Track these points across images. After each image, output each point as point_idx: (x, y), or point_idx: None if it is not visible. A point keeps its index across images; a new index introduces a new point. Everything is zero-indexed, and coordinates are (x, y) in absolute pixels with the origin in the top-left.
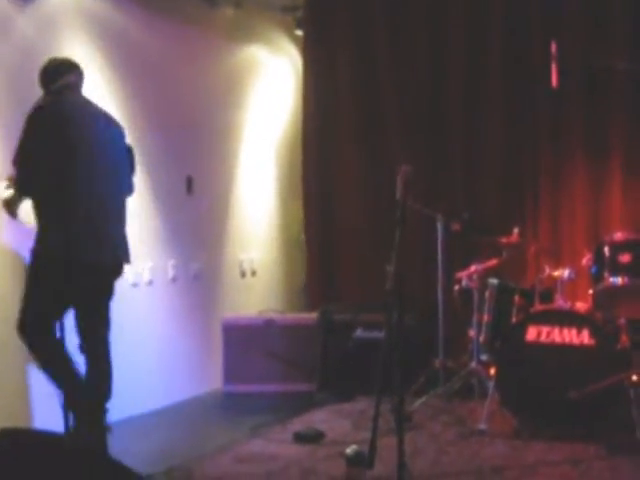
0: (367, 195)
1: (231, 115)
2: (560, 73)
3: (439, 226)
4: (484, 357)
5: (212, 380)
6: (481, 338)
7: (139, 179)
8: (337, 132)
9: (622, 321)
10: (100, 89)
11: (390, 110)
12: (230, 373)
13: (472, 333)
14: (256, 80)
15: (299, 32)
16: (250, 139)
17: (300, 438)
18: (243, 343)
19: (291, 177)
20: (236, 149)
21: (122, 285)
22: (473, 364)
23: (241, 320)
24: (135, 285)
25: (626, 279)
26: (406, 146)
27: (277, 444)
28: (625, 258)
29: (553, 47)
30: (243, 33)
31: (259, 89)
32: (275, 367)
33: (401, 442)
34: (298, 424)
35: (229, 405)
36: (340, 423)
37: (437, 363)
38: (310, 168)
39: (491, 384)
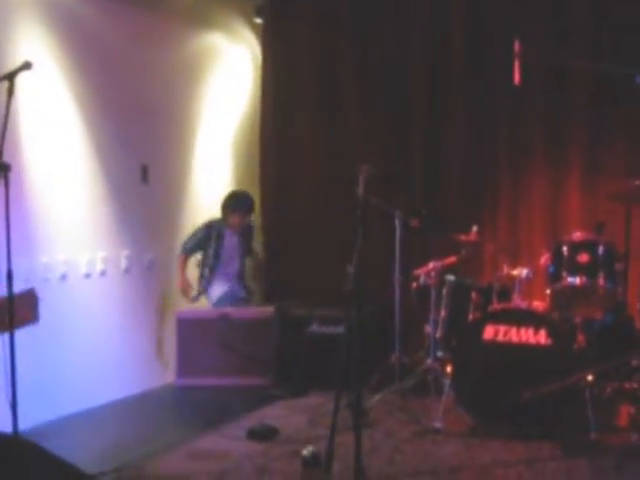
0: (325, 184)
1: (188, 103)
2: (522, 71)
3: (397, 222)
4: (440, 354)
5: (165, 374)
6: (438, 335)
7: (93, 167)
8: (296, 120)
9: (579, 321)
10: (53, 76)
11: (350, 100)
12: (183, 367)
13: (429, 330)
14: (214, 67)
15: (258, 20)
16: (207, 127)
17: (254, 435)
18: (197, 337)
19: (248, 165)
20: (193, 137)
21: (74, 276)
22: (429, 361)
23: (195, 313)
24: (87, 276)
25: (584, 279)
26: (365, 138)
27: (230, 440)
28: (583, 258)
29: (516, 45)
30: (201, 20)
31: (217, 76)
32: (229, 361)
33: (359, 442)
34: (252, 419)
35: (182, 400)
36: (295, 419)
37: (393, 359)
38: (268, 156)
39: (447, 382)
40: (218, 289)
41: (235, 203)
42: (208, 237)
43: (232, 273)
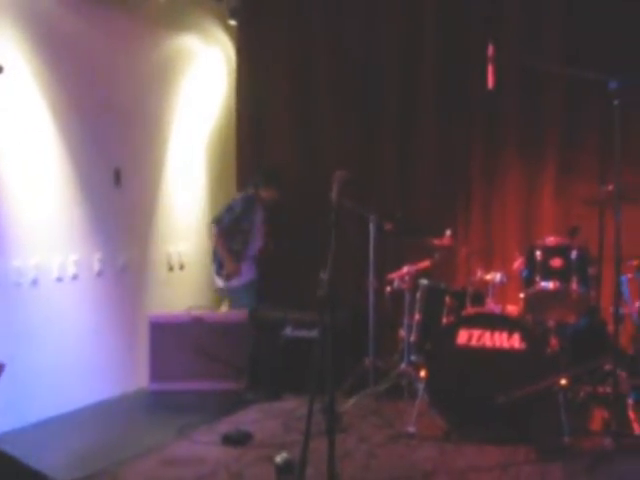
0: (301, 187)
1: (161, 105)
2: (496, 75)
3: (372, 226)
4: (414, 358)
5: (138, 378)
6: (412, 339)
7: (65, 170)
8: (272, 123)
9: (552, 325)
10: (26, 79)
11: (324, 103)
12: (156, 371)
13: (403, 334)
14: (188, 69)
15: (232, 22)
16: (181, 129)
17: (228, 440)
18: (170, 340)
19: (222, 168)
20: (166, 140)
21: (46, 280)
22: (403, 365)
23: (169, 317)
24: (59, 280)
25: (557, 283)
26: (339, 140)
27: (204, 446)
28: (556, 263)
29: (490, 49)
30: (175, 21)
31: (190, 78)
32: (203, 365)
33: (332, 447)
34: (226, 424)
35: (155, 404)
36: (269, 423)
37: (367, 363)
38: (245, 160)
39: (421, 386)
40: (246, 273)
41: (268, 175)
42: (245, 211)
43: (253, 255)
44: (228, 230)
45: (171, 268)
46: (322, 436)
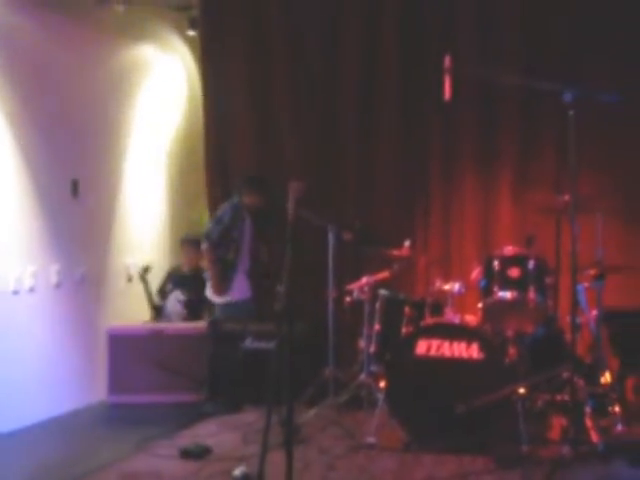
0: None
1: (120, 115)
2: (453, 86)
3: (330, 236)
4: (374, 368)
5: (97, 391)
6: (371, 349)
7: (22, 181)
8: (236, 133)
9: (511, 334)
10: None
11: (285, 113)
12: (115, 384)
13: (362, 344)
14: (146, 79)
15: (191, 32)
16: (139, 140)
17: (187, 454)
18: (129, 353)
19: (182, 179)
20: (124, 150)
21: (3, 292)
22: (363, 375)
23: (127, 329)
24: (16, 292)
25: (515, 293)
26: (301, 151)
27: (163, 460)
28: (514, 272)
29: (447, 60)
30: (133, 31)
31: (149, 88)
32: (162, 377)
33: (290, 459)
34: (185, 437)
35: (114, 417)
36: (228, 436)
37: (327, 373)
38: (213, 171)
39: (380, 396)
40: (239, 287)
41: (250, 181)
42: (234, 219)
43: (246, 270)
44: (219, 242)
45: (130, 279)
46: (281, 448)
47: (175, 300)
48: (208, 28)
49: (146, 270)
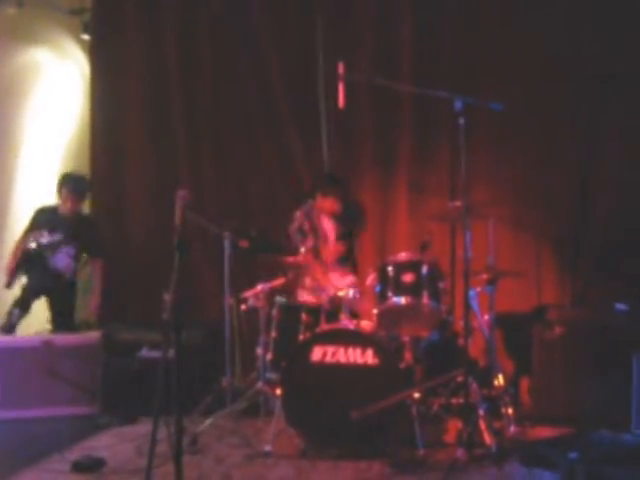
0: (158, 208)
1: (11, 119)
2: (347, 93)
3: (227, 243)
4: (271, 376)
5: None
6: (268, 357)
7: None
8: (126, 140)
9: (406, 339)
10: None
11: (178, 119)
12: (5, 398)
13: (259, 351)
14: (39, 83)
15: (85, 36)
16: (32, 144)
17: (78, 467)
18: (19, 366)
19: None
20: (16, 155)
21: None
22: (260, 383)
23: (15, 341)
24: None
25: (409, 298)
26: (193, 158)
27: (54, 474)
28: (408, 278)
29: (340, 67)
30: (25, 34)
31: (42, 93)
32: (55, 390)
33: (179, 469)
34: (78, 451)
35: (4, 433)
36: (122, 448)
37: (224, 382)
38: (99, 177)
39: (277, 403)
40: None
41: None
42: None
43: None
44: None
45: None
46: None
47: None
48: (100, 32)
49: None
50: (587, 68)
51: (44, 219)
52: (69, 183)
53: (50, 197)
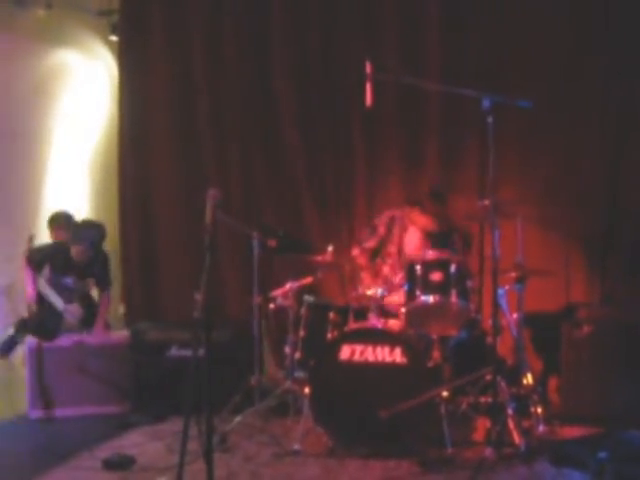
0: (186, 208)
1: (41, 120)
2: (374, 93)
3: (255, 243)
4: (299, 374)
5: (17, 405)
6: (296, 355)
7: None
8: (154, 141)
9: (434, 338)
10: None
11: (205, 118)
12: (37, 398)
13: (288, 350)
14: (68, 85)
15: (113, 37)
16: (62, 145)
17: (109, 465)
18: (51, 365)
19: (105, 185)
20: (46, 157)
21: None
22: (288, 382)
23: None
24: None
25: (437, 297)
26: (221, 157)
27: (85, 472)
28: (436, 276)
29: (368, 67)
30: (54, 36)
31: (71, 94)
32: (86, 389)
33: (210, 467)
34: (109, 449)
35: (35, 432)
36: (153, 446)
37: (253, 381)
38: (127, 179)
39: (305, 402)
40: None
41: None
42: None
43: None
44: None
45: None
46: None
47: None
48: (128, 33)
49: None
50: (616, 64)
51: (59, 260)
52: (87, 241)
53: (78, 198)
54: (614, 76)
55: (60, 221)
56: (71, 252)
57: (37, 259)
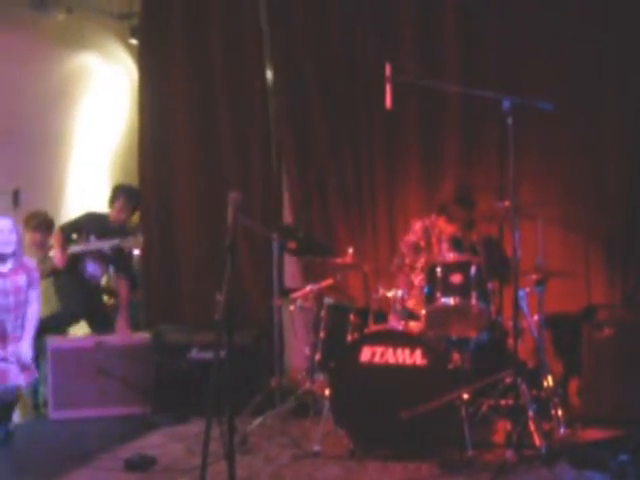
0: (207, 210)
1: (62, 124)
2: (394, 94)
3: (275, 245)
4: (319, 376)
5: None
6: (316, 357)
7: None
8: (174, 143)
9: (455, 340)
10: None
11: (225, 121)
12: (59, 399)
13: (308, 352)
14: (89, 88)
15: (133, 40)
16: (82, 148)
17: (130, 465)
18: (72, 366)
19: None
20: (67, 160)
21: None
22: (308, 384)
23: (69, 342)
24: None
25: (458, 299)
26: (241, 160)
27: (106, 472)
28: (456, 278)
29: (387, 69)
30: (75, 39)
31: (92, 97)
32: (107, 390)
33: (232, 469)
34: (130, 450)
35: (57, 433)
36: (173, 447)
37: (273, 382)
38: (147, 181)
39: (326, 404)
40: None
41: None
42: None
43: None
44: None
45: None
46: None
47: None
48: (148, 37)
49: None
50: (636, 64)
51: (94, 225)
52: (125, 195)
53: (100, 200)
54: (635, 77)
55: (37, 223)
56: (109, 212)
57: (69, 228)
